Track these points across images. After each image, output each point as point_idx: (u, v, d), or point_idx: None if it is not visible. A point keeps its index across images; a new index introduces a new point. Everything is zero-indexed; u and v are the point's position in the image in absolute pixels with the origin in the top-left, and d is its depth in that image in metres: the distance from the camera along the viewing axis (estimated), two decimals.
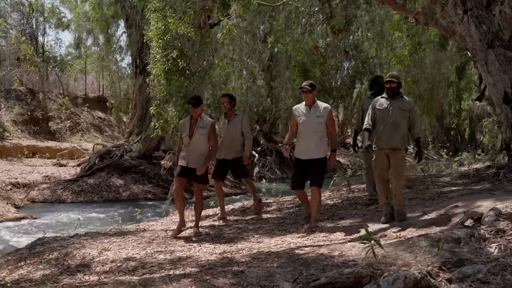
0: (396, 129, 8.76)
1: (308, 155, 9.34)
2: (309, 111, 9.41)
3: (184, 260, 8.49)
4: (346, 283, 6.38)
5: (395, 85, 8.83)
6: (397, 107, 8.81)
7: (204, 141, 9.72)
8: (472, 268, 6.44)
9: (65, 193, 24.37)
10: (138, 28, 27.94)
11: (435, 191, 12.64)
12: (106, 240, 10.65)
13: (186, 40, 18.42)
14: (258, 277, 6.94)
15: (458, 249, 7.02)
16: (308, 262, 7.47)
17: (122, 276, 7.78)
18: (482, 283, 6.09)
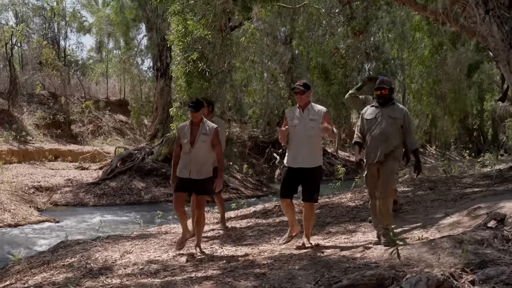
0: (386, 141, 7.94)
1: (299, 164, 8.29)
2: (302, 113, 8.35)
3: (206, 263, 8.51)
4: (368, 285, 6.36)
5: (387, 92, 8.03)
6: (387, 116, 7.97)
7: (207, 149, 8.71)
8: (496, 269, 6.40)
9: (87, 196, 24.50)
10: (159, 31, 28.09)
11: (457, 192, 12.59)
12: (128, 243, 10.69)
13: (206, 43, 18.47)
14: (280, 279, 6.94)
15: (481, 251, 6.98)
16: (330, 264, 7.46)
17: (144, 279, 7.81)
18: (505, 285, 6.06)
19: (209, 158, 8.79)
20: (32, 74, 40.39)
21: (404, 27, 25.50)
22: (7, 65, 38.51)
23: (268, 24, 25.79)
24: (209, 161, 8.82)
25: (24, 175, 26.31)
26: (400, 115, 7.94)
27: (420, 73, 28.57)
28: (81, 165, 31.70)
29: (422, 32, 23.23)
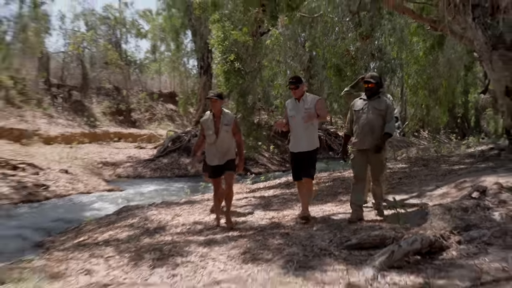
0: (371, 130, 7.52)
1: (299, 148, 8.10)
2: (298, 104, 8.11)
3: (241, 224, 8.54)
4: (372, 243, 6.38)
5: (373, 86, 7.55)
6: (373, 108, 7.52)
7: (229, 137, 8.43)
8: (478, 232, 6.38)
9: (144, 170, 24.73)
10: (202, 36, 28.08)
11: (446, 169, 12.51)
12: (177, 208, 10.76)
13: (241, 46, 18.47)
14: (300, 238, 6.95)
15: (466, 217, 6.95)
16: (341, 226, 7.48)
17: (190, 237, 7.85)
18: (486, 245, 6.04)
19: (231, 144, 8.53)
20: (100, 71, 40.64)
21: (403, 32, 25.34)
22: (79, 65, 38.77)
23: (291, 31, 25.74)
24: (232, 147, 8.57)
25: (93, 153, 26.58)
26: (384, 107, 7.49)
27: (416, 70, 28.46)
28: (139, 145, 31.91)
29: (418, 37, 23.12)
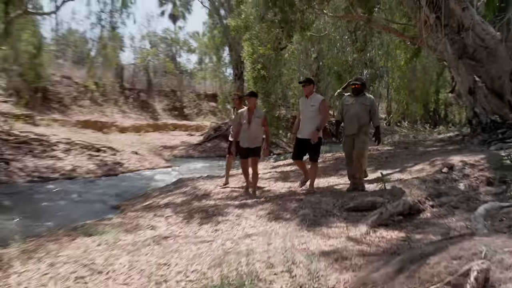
0: (357, 120, 7.48)
1: (304, 136, 7.89)
2: (306, 100, 8.01)
3: (266, 192, 8.56)
4: (366, 207, 6.39)
5: (359, 86, 7.62)
6: (360, 103, 7.52)
7: (259, 127, 8.38)
8: (447, 198, 6.36)
9: (193, 152, 24.88)
10: (236, 51, 28.04)
11: (422, 150, 12.40)
12: (218, 180, 10.80)
13: (265, 58, 18.45)
14: (311, 202, 6.95)
15: (438, 187, 6.91)
16: (342, 194, 7.46)
17: (228, 201, 7.89)
18: (453, 208, 6.02)
19: (260, 133, 8.50)
20: (160, 78, 40.90)
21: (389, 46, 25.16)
22: (145, 73, 39.06)
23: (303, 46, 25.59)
24: (260, 135, 8.54)
25: (156, 139, 26.85)
26: (369, 103, 7.54)
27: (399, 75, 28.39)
28: (189, 133, 32.10)
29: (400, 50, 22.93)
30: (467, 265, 3.00)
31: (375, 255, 4.50)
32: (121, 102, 34.14)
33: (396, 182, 7.69)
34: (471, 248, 3.18)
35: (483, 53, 11.44)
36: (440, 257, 3.25)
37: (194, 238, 5.69)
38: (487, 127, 11.50)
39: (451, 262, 3.13)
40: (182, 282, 4.20)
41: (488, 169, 7.19)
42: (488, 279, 2.86)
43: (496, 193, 6.26)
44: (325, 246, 4.96)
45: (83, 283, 4.36)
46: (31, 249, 5.41)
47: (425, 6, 11.76)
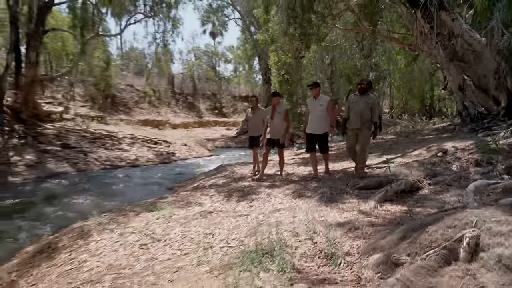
0: (361, 116, 6.94)
1: (312, 131, 7.49)
2: (315, 101, 7.55)
3: (291, 175, 8.50)
4: (374, 185, 6.30)
5: (365, 86, 7.12)
6: (364, 101, 6.97)
7: (281, 120, 7.90)
8: (442, 177, 6.23)
9: (231, 143, 24.97)
10: (264, 60, 27.95)
11: (420, 138, 12.12)
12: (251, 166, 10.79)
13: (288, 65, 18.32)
14: (328, 183, 6.90)
15: (434, 168, 6.76)
16: (353, 175, 7.34)
17: (261, 182, 7.88)
18: (447, 186, 5.89)
19: (281, 126, 7.99)
20: (203, 84, 41.12)
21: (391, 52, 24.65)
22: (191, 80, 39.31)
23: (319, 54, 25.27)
24: (282, 128, 8.01)
25: (200, 133, 27.03)
26: (372, 101, 6.98)
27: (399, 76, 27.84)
28: (228, 128, 32.16)
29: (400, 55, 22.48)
30: (460, 232, 2.94)
31: (382, 225, 4.43)
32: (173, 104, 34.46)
33: (399, 165, 7.54)
34: (463, 218, 3.10)
35: (471, 56, 11.13)
36: (437, 226, 3.18)
37: (233, 212, 5.71)
38: (475, 117, 11.26)
39: (446, 230, 3.06)
40: (224, 248, 4.23)
41: (477, 153, 6.98)
42: (478, 244, 2.81)
43: (484, 173, 6.08)
44: (340, 218, 4.91)
45: (146, 249, 4.43)
46: (105, 222, 5.53)
47: (420, 18, 11.47)
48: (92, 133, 17.00)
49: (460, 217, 3.15)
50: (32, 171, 11.97)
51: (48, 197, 9.11)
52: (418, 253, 3.02)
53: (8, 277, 4.55)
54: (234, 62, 47.84)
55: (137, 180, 11.69)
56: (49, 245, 5.03)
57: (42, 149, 13.86)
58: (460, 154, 7.18)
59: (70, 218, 7.00)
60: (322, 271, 3.43)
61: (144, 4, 21.26)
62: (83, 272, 3.99)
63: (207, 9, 36.35)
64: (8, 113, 15.36)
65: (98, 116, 22.04)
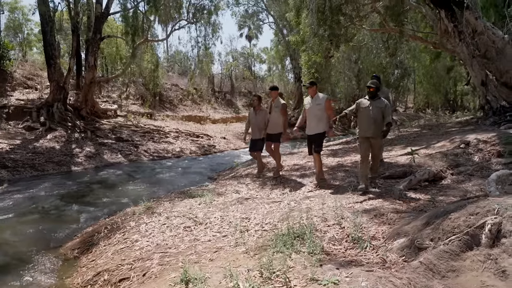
0: (374, 122, 5.75)
1: (311, 132, 6.50)
2: (311, 100, 6.58)
3: None
4: (398, 175, 6.15)
5: (373, 90, 5.92)
6: (375, 106, 5.79)
7: (277, 115, 7.11)
8: (464, 167, 6.01)
9: None
10: (295, 60, 27.67)
11: (444, 130, 11.67)
12: (284, 157, 10.71)
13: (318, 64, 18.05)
14: (355, 172, 6.78)
15: (457, 159, 6.51)
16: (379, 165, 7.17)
17: (292, 172, 7.84)
18: (469, 176, 5.70)
19: (279, 120, 7.15)
20: (240, 82, 41.19)
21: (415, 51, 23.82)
22: (229, 79, 39.51)
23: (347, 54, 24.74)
24: (279, 124, 7.16)
25: (238, 127, 27.02)
26: (383, 105, 5.78)
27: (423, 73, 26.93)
28: None
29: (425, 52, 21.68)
30: (482, 219, 2.82)
31: (406, 212, 4.32)
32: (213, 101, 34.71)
33: (423, 156, 7.30)
34: (485, 206, 2.97)
35: (493, 52, 10.59)
36: (459, 213, 3.06)
37: (267, 199, 5.72)
38: (497, 111, 10.74)
39: (469, 217, 2.94)
40: (259, 231, 4.24)
41: (499, 144, 6.66)
42: (500, 231, 2.70)
43: (506, 163, 5.81)
44: (366, 205, 4.82)
45: (189, 231, 4.51)
46: (153, 207, 5.67)
47: (444, 17, 11.00)
48: (142, 128, 17.43)
49: (482, 204, 3.02)
50: (90, 161, 12.42)
51: (104, 184, 9.43)
52: (441, 239, 2.92)
53: (71, 254, 4.76)
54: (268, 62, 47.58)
55: (181, 169, 11.89)
56: (106, 226, 5.22)
57: (99, 142, 14.35)
58: (482, 146, 6.88)
59: (123, 203, 7.23)
60: (349, 253, 3.38)
61: (187, 11, 21.50)
62: (134, 251, 4.11)
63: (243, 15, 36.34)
64: (71, 111, 15.98)
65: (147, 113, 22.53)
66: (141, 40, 18.91)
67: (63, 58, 22.09)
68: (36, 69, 21.01)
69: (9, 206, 7.21)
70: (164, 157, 14.42)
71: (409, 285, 2.50)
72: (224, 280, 2.94)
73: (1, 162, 10.61)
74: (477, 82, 11.22)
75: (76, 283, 3.83)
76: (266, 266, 3.00)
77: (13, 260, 4.64)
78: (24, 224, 6.07)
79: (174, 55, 43.00)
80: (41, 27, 15.81)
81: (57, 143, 13.39)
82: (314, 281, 2.73)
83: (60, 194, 8.22)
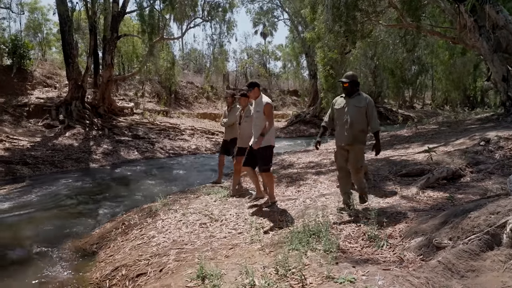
0: (350, 127, 4.42)
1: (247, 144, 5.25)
2: (249, 106, 5.52)
3: None
4: (415, 173, 6.07)
5: (347, 85, 4.49)
6: (353, 106, 4.45)
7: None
8: (484, 165, 5.88)
9: (280, 133, 24.76)
10: (311, 57, 27.47)
11: (463, 127, 11.46)
12: (299, 154, 10.70)
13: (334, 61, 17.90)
14: (372, 169, 6.70)
15: (477, 156, 6.38)
16: (396, 163, 7.08)
17: (307, 170, 7.80)
18: (490, 174, 5.58)
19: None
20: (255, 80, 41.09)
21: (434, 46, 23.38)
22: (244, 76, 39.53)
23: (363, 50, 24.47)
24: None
25: None
26: (364, 104, 4.43)
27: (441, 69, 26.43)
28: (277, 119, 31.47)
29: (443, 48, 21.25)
30: (503, 218, 2.76)
31: (423, 210, 4.26)
32: None
33: (441, 153, 7.18)
34: (506, 205, 2.90)
35: None
36: (479, 212, 3.00)
37: (282, 196, 5.71)
38: None
39: (489, 216, 2.88)
40: (274, 228, 4.25)
41: None
42: None
43: None
44: (383, 203, 4.77)
45: (205, 228, 4.54)
46: (169, 203, 5.73)
47: (463, 12, 10.76)
48: (158, 125, 17.60)
49: (503, 203, 2.95)
50: (108, 158, 12.61)
51: (121, 181, 9.56)
52: (460, 238, 2.87)
53: (90, 249, 4.84)
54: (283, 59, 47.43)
55: (196, 166, 11.95)
56: (123, 222, 5.30)
57: (116, 140, 14.55)
58: (503, 143, 6.73)
59: (140, 200, 7.33)
60: (365, 251, 3.35)
61: (202, 9, 21.59)
62: (151, 246, 4.16)
63: (258, 12, 36.19)
64: (88, 109, 16.24)
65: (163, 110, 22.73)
66: (157, 39, 19.07)
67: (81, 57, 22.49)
68: (55, 68, 21.44)
69: (30, 202, 7.38)
70: (180, 154, 14.53)
71: (427, 285, 2.46)
72: (239, 277, 2.95)
73: (23, 159, 10.87)
74: (498, 77, 10.97)
75: (95, 277, 3.90)
76: (282, 263, 3.00)
77: (34, 254, 4.75)
78: (45, 219, 6.21)
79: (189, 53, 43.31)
80: (60, 27, 16.11)
81: (75, 141, 13.64)
82: (330, 279, 2.72)
83: (78, 190, 8.37)
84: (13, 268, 4.39)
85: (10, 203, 7.30)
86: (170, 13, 19.81)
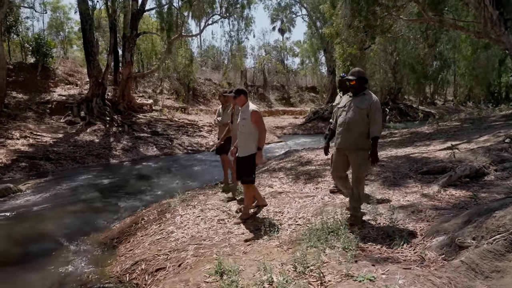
0: (348, 129, 3.93)
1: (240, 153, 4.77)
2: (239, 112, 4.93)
3: None
4: (437, 170, 5.93)
5: (354, 83, 3.96)
6: (355, 106, 3.92)
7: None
8: (509, 163, 5.72)
9: (298, 130, 24.62)
10: (329, 53, 27.19)
11: (487, 124, 11.16)
12: (317, 151, 10.59)
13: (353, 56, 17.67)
14: (391, 167, 6.59)
15: (501, 154, 6.19)
16: (417, 160, 6.94)
17: (326, 166, 7.72)
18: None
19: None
20: (273, 76, 41.01)
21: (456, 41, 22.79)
22: (262, 73, 39.43)
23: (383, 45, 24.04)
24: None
25: (271, 121, 27.01)
26: (366, 105, 3.85)
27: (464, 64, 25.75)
28: (295, 116, 31.77)
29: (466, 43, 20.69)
30: None
31: (445, 209, 4.16)
32: None
33: (464, 150, 7.00)
34: None
35: None
36: (505, 211, 2.90)
37: (300, 193, 5.68)
38: None
39: None
40: (292, 225, 4.23)
41: None
42: None
43: None
44: (403, 201, 4.69)
45: (223, 224, 4.56)
46: (188, 199, 5.77)
47: (489, 4, 10.43)
48: (177, 122, 17.76)
49: None
50: (127, 154, 12.80)
51: (141, 176, 9.70)
52: (484, 237, 2.79)
53: (110, 243, 4.93)
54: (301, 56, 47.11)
55: (215, 163, 12.01)
56: (143, 217, 5.37)
57: (135, 136, 14.75)
58: None
59: (159, 195, 7.41)
60: (385, 250, 3.30)
61: (220, 6, 21.62)
62: (170, 242, 4.21)
63: (276, 8, 36.01)
64: (109, 105, 16.51)
65: (181, 107, 22.93)
66: (176, 36, 19.21)
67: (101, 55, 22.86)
68: (77, 65, 21.87)
69: (52, 197, 7.57)
70: (198, 151, 14.63)
71: (450, 285, 2.41)
72: (258, 273, 2.95)
73: (46, 155, 11.14)
74: None
75: (115, 271, 3.97)
76: (300, 260, 2.98)
77: (56, 247, 4.86)
78: (67, 214, 6.36)
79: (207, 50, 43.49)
80: (81, 25, 16.40)
81: (96, 137, 13.89)
82: (349, 277, 2.69)
83: (99, 185, 8.53)
84: (38, 259, 4.51)
85: (35, 197, 7.50)
86: (188, 10, 19.90)
